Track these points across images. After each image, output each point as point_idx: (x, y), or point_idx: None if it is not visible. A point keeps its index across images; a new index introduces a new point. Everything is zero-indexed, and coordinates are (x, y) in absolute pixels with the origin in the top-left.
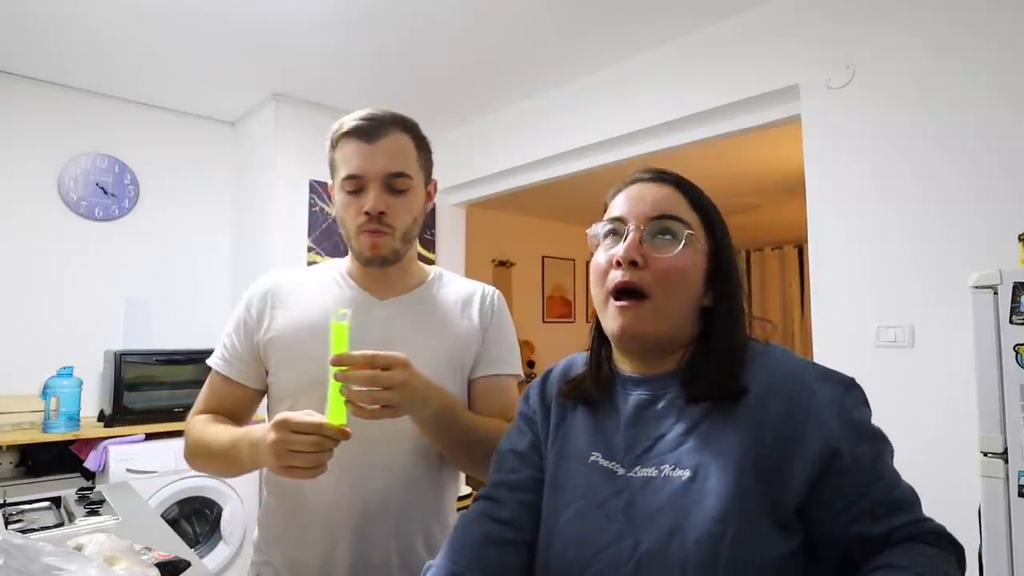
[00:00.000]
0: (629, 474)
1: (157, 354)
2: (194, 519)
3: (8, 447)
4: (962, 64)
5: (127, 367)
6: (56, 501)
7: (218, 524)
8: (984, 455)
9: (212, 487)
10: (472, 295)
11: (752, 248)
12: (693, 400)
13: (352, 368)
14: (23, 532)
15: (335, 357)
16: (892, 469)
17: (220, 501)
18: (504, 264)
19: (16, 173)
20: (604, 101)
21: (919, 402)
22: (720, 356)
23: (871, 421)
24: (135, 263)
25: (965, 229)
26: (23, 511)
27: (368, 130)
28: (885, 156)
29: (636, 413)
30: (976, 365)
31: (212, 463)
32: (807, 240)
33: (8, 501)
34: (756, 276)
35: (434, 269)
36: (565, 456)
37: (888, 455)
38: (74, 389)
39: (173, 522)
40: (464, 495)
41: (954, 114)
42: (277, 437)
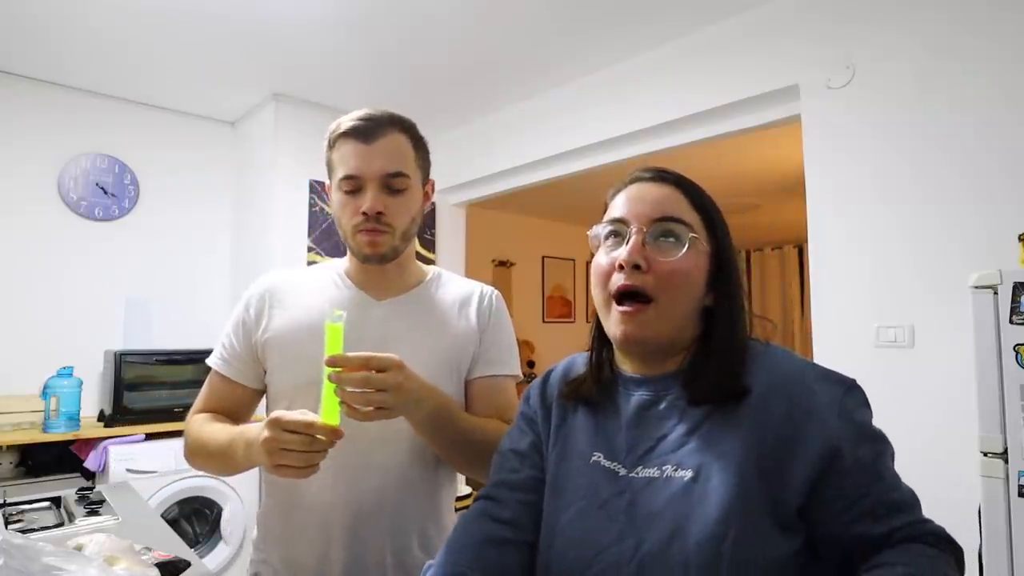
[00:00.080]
0: (631, 474)
1: (157, 354)
2: (194, 519)
3: (8, 447)
4: (962, 64)
5: (127, 367)
6: (56, 501)
7: (218, 524)
8: (984, 455)
9: (212, 487)
10: (470, 295)
11: (752, 248)
12: (696, 402)
13: (346, 370)
14: (23, 532)
15: (330, 358)
16: (893, 471)
17: (220, 501)
18: (504, 264)
19: (16, 173)
20: (604, 101)
21: (919, 402)
22: (722, 357)
23: (872, 422)
24: (135, 263)
25: (965, 229)
26: (23, 511)
27: (365, 130)
28: (885, 156)
29: (638, 414)
30: (976, 365)
31: (210, 462)
32: (807, 240)
33: (8, 501)
34: (756, 276)
35: (433, 269)
36: (566, 456)
37: (889, 456)
38: (74, 389)
39: (173, 522)
40: (464, 495)
41: (954, 114)
42: (269, 435)
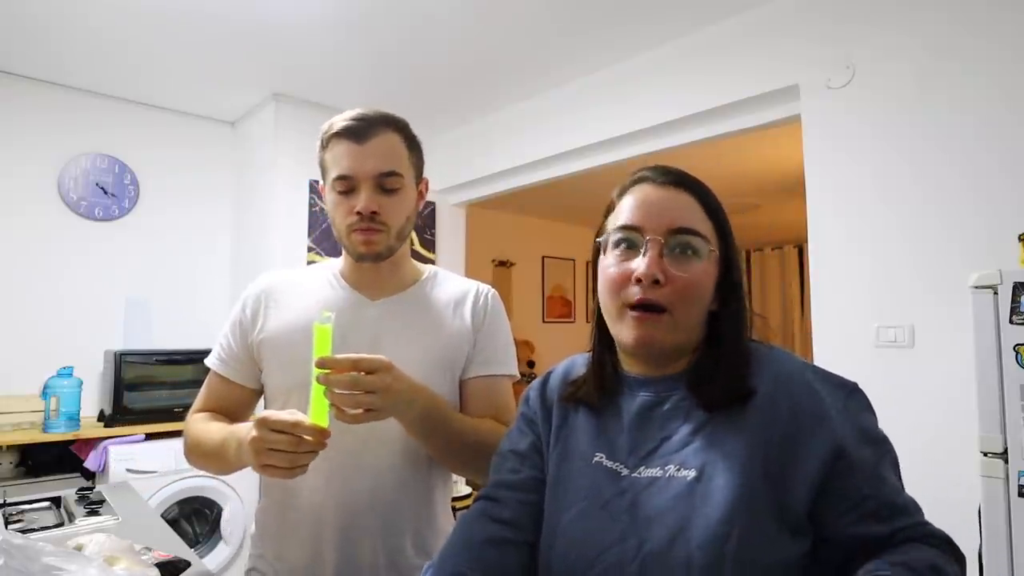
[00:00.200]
0: (633, 474)
1: (157, 354)
2: (194, 519)
3: (8, 447)
4: (962, 64)
5: (127, 367)
6: (56, 501)
7: (218, 524)
8: (984, 455)
9: (212, 487)
10: (465, 294)
11: (752, 248)
12: (705, 405)
13: (335, 371)
14: (23, 532)
15: (319, 360)
16: (895, 476)
17: (220, 501)
18: (504, 264)
19: (16, 173)
20: (604, 101)
21: (919, 402)
22: (729, 360)
23: (876, 426)
24: (135, 263)
25: (965, 229)
26: (23, 511)
27: (358, 130)
28: (885, 156)
29: (641, 414)
30: (976, 365)
31: (207, 461)
32: (807, 240)
33: (8, 501)
34: (756, 276)
35: (429, 268)
36: (567, 457)
37: (891, 462)
38: (74, 389)
39: (173, 522)
40: (464, 495)
41: (954, 114)
42: (256, 435)
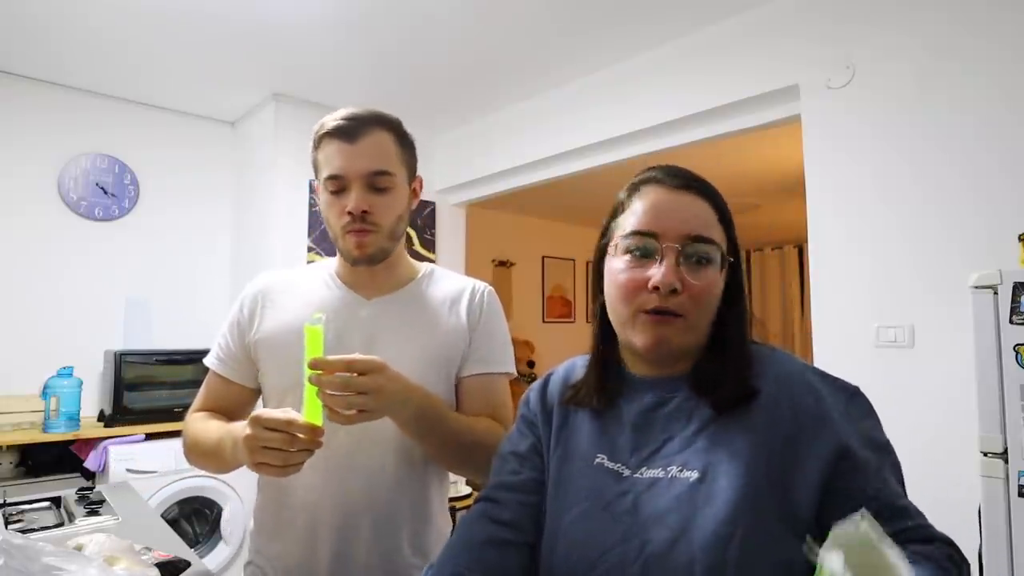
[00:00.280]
0: (635, 475)
1: (157, 354)
2: (194, 519)
3: (8, 447)
4: (962, 64)
5: (127, 367)
6: (56, 501)
7: (218, 524)
8: (984, 455)
9: (212, 487)
10: (461, 292)
11: (752, 248)
12: (713, 407)
13: (326, 373)
14: (23, 532)
15: (312, 361)
16: (896, 482)
17: (220, 501)
18: (504, 264)
19: (16, 173)
20: (604, 101)
21: (919, 402)
22: (733, 361)
23: (879, 431)
24: (135, 263)
25: (965, 229)
26: (23, 511)
27: (348, 130)
28: (885, 156)
29: (643, 415)
30: (976, 365)
31: (205, 460)
32: (807, 240)
33: (8, 501)
34: (756, 276)
35: (425, 266)
36: (568, 459)
37: (893, 467)
38: (74, 389)
39: (173, 522)
40: (464, 495)
41: (954, 114)
42: (250, 433)
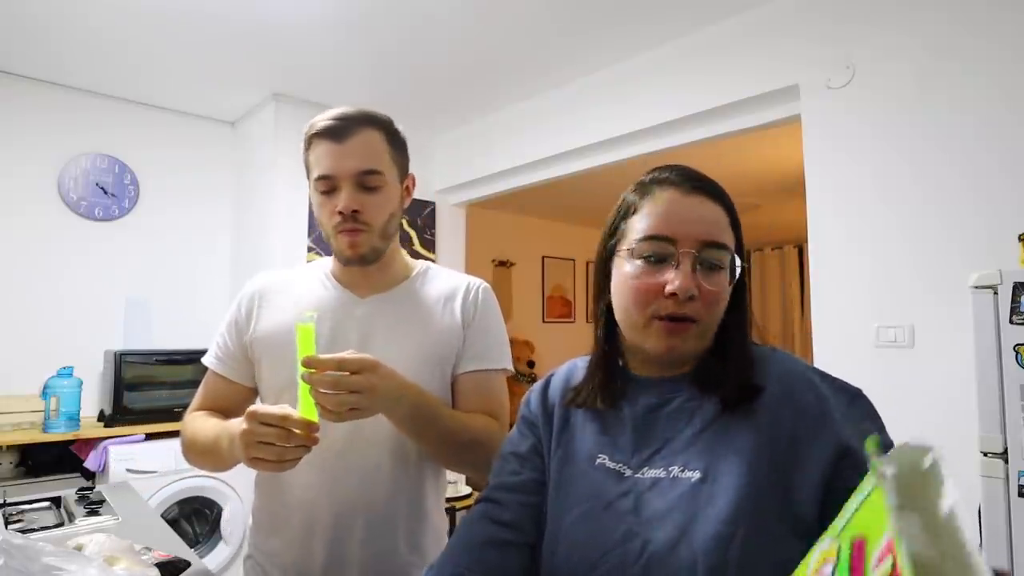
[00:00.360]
0: (636, 475)
1: (157, 354)
2: (194, 519)
3: (8, 447)
4: (962, 64)
5: (127, 367)
6: (56, 501)
7: (218, 524)
8: (984, 455)
9: (212, 487)
10: (456, 290)
11: (752, 248)
12: (720, 404)
13: (318, 371)
14: (23, 532)
15: (305, 359)
16: None
17: (220, 501)
18: (504, 264)
19: (16, 173)
20: (604, 101)
21: (919, 402)
22: (735, 362)
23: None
24: (135, 263)
25: (965, 229)
26: (23, 511)
27: (337, 130)
28: (885, 156)
29: (645, 415)
30: (976, 365)
31: (203, 458)
32: (807, 240)
33: (8, 501)
34: (756, 276)
35: (421, 264)
36: (570, 459)
37: None
38: (74, 389)
39: (173, 522)
40: (464, 495)
41: (954, 114)
42: (246, 428)
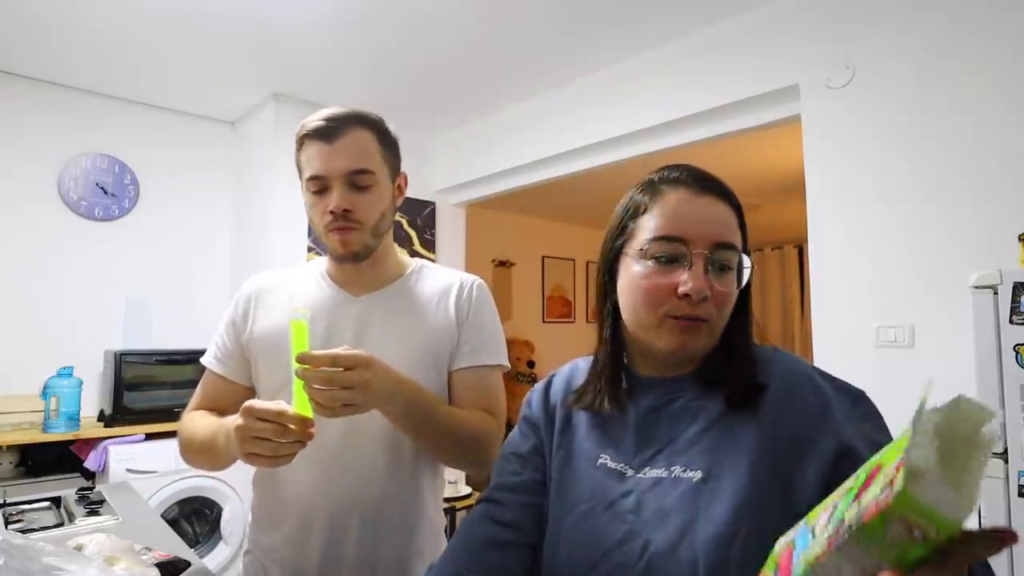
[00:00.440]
0: (638, 475)
1: (157, 354)
2: (194, 519)
3: (8, 447)
4: (962, 64)
5: (127, 367)
6: (56, 501)
7: (218, 524)
8: None
9: (212, 487)
10: (450, 287)
11: (752, 248)
12: (726, 401)
13: (312, 367)
14: (23, 532)
15: (299, 356)
16: None
17: (220, 501)
18: (504, 264)
19: (16, 173)
20: (604, 101)
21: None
22: (739, 361)
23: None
24: (135, 263)
25: (965, 229)
26: (23, 511)
27: (327, 131)
28: (885, 156)
29: (648, 415)
30: (976, 365)
31: (200, 456)
32: (807, 240)
33: (8, 501)
34: (756, 276)
35: (415, 262)
36: (571, 460)
37: None
38: (74, 389)
39: (173, 522)
40: (464, 495)
41: (954, 114)
42: (241, 423)
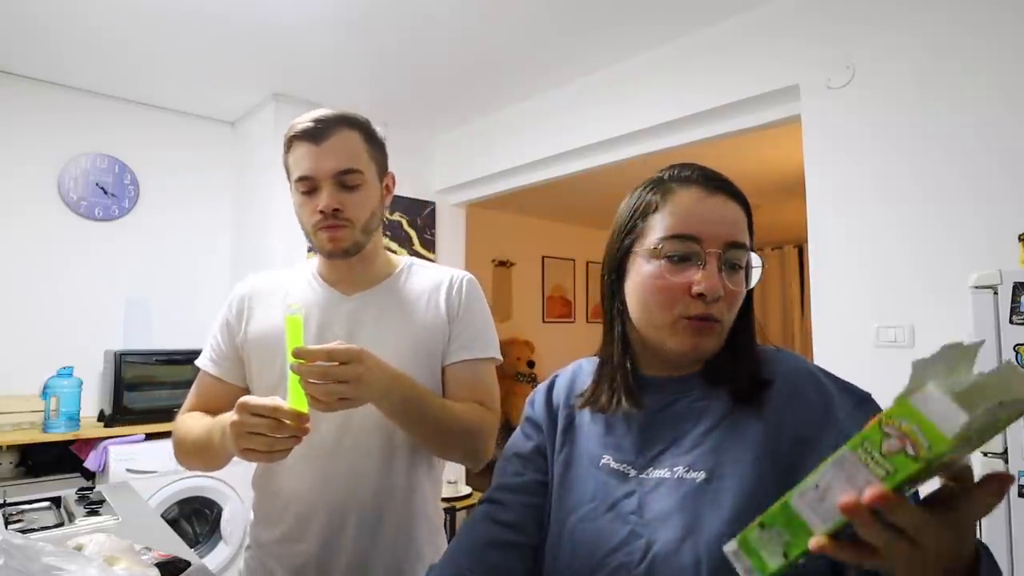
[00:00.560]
0: (641, 476)
1: (157, 354)
2: (194, 519)
3: (8, 447)
4: (962, 64)
5: (127, 367)
6: (56, 501)
7: (218, 524)
8: (984, 455)
9: (212, 487)
10: (440, 283)
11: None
12: (732, 397)
13: (308, 362)
14: (23, 532)
15: (295, 350)
16: None
17: (220, 501)
18: (504, 264)
19: (16, 173)
20: (604, 101)
21: None
22: (744, 360)
23: None
24: (135, 263)
25: (965, 229)
26: (23, 511)
27: (315, 132)
28: (885, 156)
29: (651, 415)
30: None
31: (194, 455)
32: (807, 240)
33: (8, 501)
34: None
35: (404, 260)
36: (574, 460)
37: None
38: (74, 389)
39: (173, 522)
40: (464, 495)
41: (954, 114)
42: (236, 419)
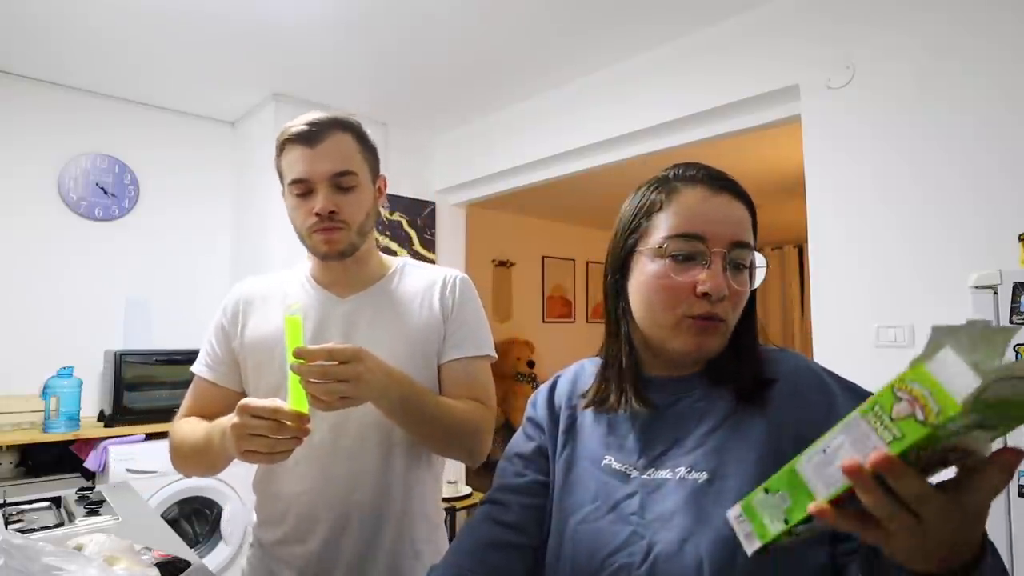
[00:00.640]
0: (643, 476)
1: (157, 354)
2: (194, 519)
3: (8, 447)
4: (962, 64)
5: (127, 367)
6: (56, 501)
7: (218, 524)
8: None
9: (212, 487)
10: (433, 283)
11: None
12: (736, 395)
13: (308, 361)
14: (23, 532)
15: (295, 350)
16: None
17: (220, 501)
18: (504, 264)
19: (16, 173)
20: (604, 101)
21: None
22: (747, 360)
23: None
24: (135, 263)
25: (965, 229)
26: (23, 511)
27: (309, 135)
28: (885, 156)
29: (653, 415)
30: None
31: (192, 459)
32: (807, 240)
33: (8, 501)
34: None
35: (397, 260)
36: (576, 461)
37: None
38: (74, 389)
39: (173, 522)
40: (464, 495)
41: (954, 114)
42: (237, 421)
